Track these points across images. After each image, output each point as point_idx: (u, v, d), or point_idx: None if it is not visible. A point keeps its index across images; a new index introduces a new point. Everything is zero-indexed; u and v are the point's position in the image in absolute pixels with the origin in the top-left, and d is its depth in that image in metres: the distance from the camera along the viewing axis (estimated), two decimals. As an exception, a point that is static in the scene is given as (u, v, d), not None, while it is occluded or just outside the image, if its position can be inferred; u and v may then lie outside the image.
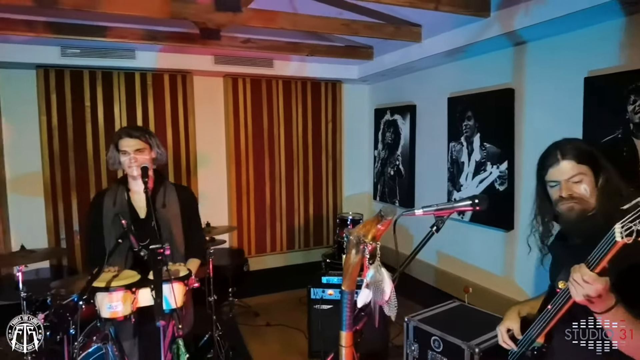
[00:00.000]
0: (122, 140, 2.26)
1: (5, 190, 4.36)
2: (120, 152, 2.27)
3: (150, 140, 2.32)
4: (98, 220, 2.31)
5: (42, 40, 3.77)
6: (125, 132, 2.29)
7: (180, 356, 1.89)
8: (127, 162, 2.25)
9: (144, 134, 2.30)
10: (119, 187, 2.39)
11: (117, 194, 2.35)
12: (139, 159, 2.25)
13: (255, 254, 5.41)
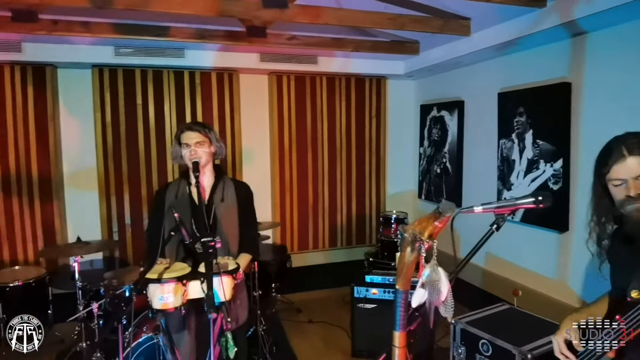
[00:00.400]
0: (184, 133, 2.36)
1: (62, 185, 4.58)
2: (182, 146, 2.36)
3: (210, 135, 2.40)
4: (159, 212, 2.40)
5: (97, 40, 3.93)
6: (187, 126, 2.40)
7: (229, 349, 1.90)
8: (188, 155, 2.33)
9: (203, 128, 2.40)
10: (181, 180, 2.48)
11: (179, 186, 2.44)
12: (198, 152, 2.33)
13: (298, 250, 5.43)
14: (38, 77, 4.35)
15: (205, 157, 2.37)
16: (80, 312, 3.19)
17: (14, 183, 4.37)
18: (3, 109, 4.30)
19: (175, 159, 2.46)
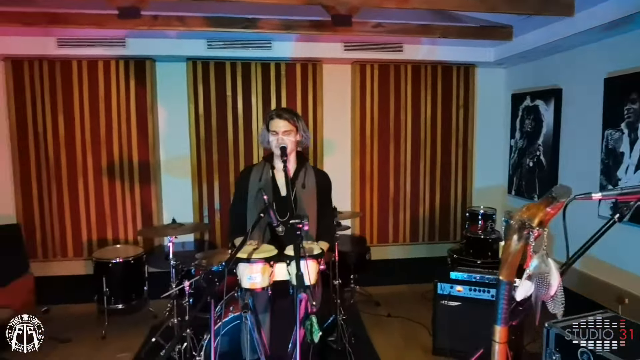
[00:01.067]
0: (273, 121, 2.40)
1: (159, 171, 4.93)
2: (270, 132, 2.40)
3: (298, 123, 2.42)
4: (243, 193, 2.47)
5: (192, 34, 4.15)
6: (276, 113, 2.42)
7: (314, 332, 1.91)
8: (275, 142, 2.38)
9: (292, 116, 2.42)
10: (265, 164, 2.53)
11: (263, 170, 2.49)
12: (285, 140, 2.37)
13: (378, 243, 5.37)
14: (139, 71, 4.71)
15: (291, 145, 2.41)
16: (172, 290, 3.40)
17: (117, 169, 4.78)
18: (109, 100, 4.71)
19: (263, 143, 2.52)
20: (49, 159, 4.69)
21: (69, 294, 4.63)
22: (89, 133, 4.71)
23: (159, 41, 4.38)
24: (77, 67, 4.63)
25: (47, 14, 3.62)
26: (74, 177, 4.74)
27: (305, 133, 2.49)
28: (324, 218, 2.55)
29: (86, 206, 4.78)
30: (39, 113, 4.64)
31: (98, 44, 4.30)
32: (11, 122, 4.62)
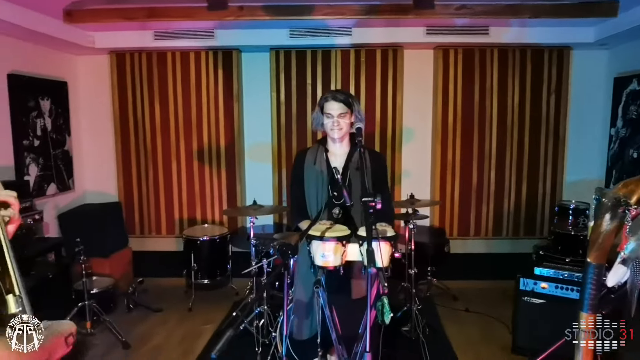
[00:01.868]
0: (328, 103, 2.37)
1: (243, 156, 5.18)
2: (325, 115, 2.39)
3: (353, 105, 2.39)
4: (299, 175, 2.51)
5: (275, 23, 4.27)
6: (332, 95, 2.39)
7: (385, 314, 1.89)
8: (330, 125, 2.38)
9: (347, 98, 2.38)
10: (319, 147, 2.54)
11: (317, 153, 2.50)
12: (341, 123, 2.35)
13: (458, 236, 5.18)
14: (226, 61, 4.95)
15: (346, 127, 2.39)
16: (252, 267, 3.58)
17: (206, 154, 5.09)
18: (199, 89, 5.02)
19: (317, 126, 2.51)
20: (146, 144, 5.12)
21: (161, 268, 5.05)
22: (181, 120, 5.07)
23: (245, 32, 4.57)
24: (171, 58, 4.98)
25: (145, 9, 3.93)
26: (168, 161, 5.13)
27: (359, 114, 2.43)
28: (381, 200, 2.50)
29: (178, 188, 5.16)
30: (138, 101, 5.08)
31: (190, 35, 4.60)
32: (115, 110, 5.11)
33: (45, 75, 4.53)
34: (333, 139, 2.46)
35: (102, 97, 5.13)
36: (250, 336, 3.43)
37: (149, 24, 4.28)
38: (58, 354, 1.08)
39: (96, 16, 3.99)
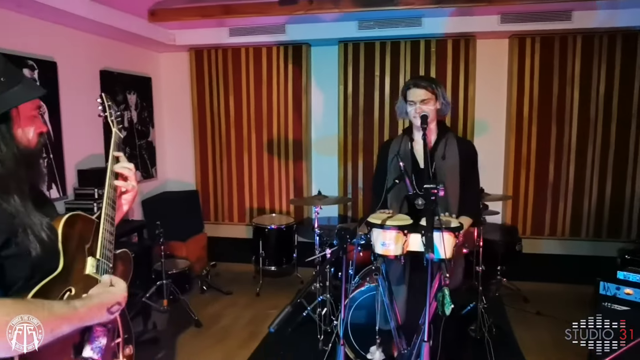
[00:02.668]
0: (410, 90, 2.33)
1: (310, 149, 5.29)
2: (408, 102, 2.35)
3: (437, 91, 2.31)
4: (383, 165, 2.50)
5: (343, 16, 4.31)
6: (414, 82, 2.35)
7: (445, 305, 1.87)
8: (413, 112, 2.32)
9: (430, 84, 2.32)
10: (404, 136, 2.50)
11: (401, 142, 2.47)
12: (424, 109, 2.28)
13: (531, 235, 4.92)
14: (296, 55, 5.08)
15: (431, 114, 2.31)
16: (316, 256, 3.66)
17: (275, 146, 5.27)
18: (270, 84, 5.20)
19: (400, 115, 2.47)
20: (221, 136, 5.40)
21: (233, 253, 5.32)
22: (253, 113, 5.28)
23: (314, 25, 4.65)
24: (244, 53, 5.20)
25: (222, 6, 4.15)
26: (241, 152, 5.37)
27: (445, 100, 2.35)
28: (468, 190, 2.40)
29: (249, 178, 5.39)
30: (214, 96, 5.36)
31: (262, 31, 4.77)
32: (193, 104, 5.44)
33: (132, 71, 4.93)
34: (417, 127, 2.38)
35: (182, 92, 5.48)
36: (313, 323, 3.53)
37: (224, 21, 4.50)
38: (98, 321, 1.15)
39: (177, 15, 4.27)
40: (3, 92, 1.07)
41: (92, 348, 1.14)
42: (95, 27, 4.05)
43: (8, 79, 1.09)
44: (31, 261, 1.06)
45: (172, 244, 4.51)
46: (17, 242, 1.04)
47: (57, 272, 1.09)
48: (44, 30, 3.73)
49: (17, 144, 1.11)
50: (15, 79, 1.11)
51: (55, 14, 3.56)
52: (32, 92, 1.14)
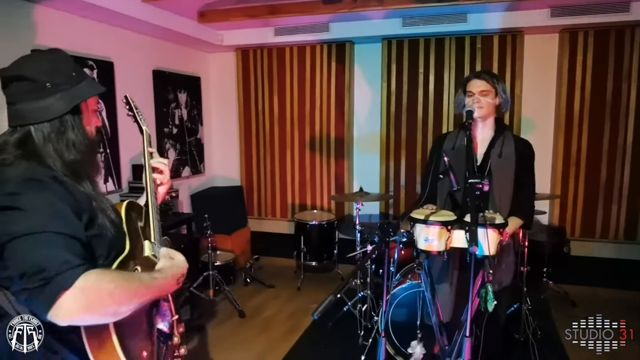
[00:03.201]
0: (471, 81, 2.29)
1: (352, 146, 5.33)
2: (467, 94, 2.30)
3: (497, 85, 2.27)
4: (436, 161, 2.43)
5: (388, 13, 4.32)
6: (475, 73, 2.32)
7: (488, 301, 1.87)
8: (470, 103, 2.26)
9: (491, 77, 2.28)
10: (460, 131, 2.42)
11: (457, 137, 2.40)
12: (482, 101, 2.24)
13: (580, 237, 4.74)
14: (339, 53, 5.13)
15: (488, 108, 2.25)
16: (357, 252, 3.70)
17: (317, 143, 5.34)
18: (313, 82, 5.27)
19: (458, 108, 2.41)
20: (265, 133, 5.54)
21: (275, 248, 5.44)
22: (296, 111, 5.38)
23: (358, 23, 4.68)
24: (289, 52, 5.31)
25: (268, 6, 4.26)
26: (284, 149, 5.48)
27: (505, 96, 2.29)
28: (522, 191, 2.33)
29: (292, 174, 5.50)
30: (259, 94, 5.50)
31: (306, 30, 4.85)
32: (239, 102, 5.60)
33: (182, 71, 5.14)
34: (475, 120, 2.32)
35: (229, 91, 5.66)
36: (353, 319, 3.57)
37: (270, 20, 4.61)
38: (171, 291, 1.27)
39: (225, 15, 4.42)
40: (74, 86, 1.17)
41: (162, 321, 1.24)
42: (150, 29, 4.26)
43: (77, 75, 1.19)
44: (108, 241, 1.17)
45: (217, 237, 4.68)
46: (98, 223, 1.15)
47: (127, 252, 1.19)
48: (103, 33, 3.97)
49: (85, 133, 1.21)
50: (81, 75, 1.21)
51: (114, 17, 3.78)
52: (97, 88, 1.24)
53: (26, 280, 0.94)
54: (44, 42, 3.39)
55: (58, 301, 0.93)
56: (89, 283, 0.96)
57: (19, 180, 1.02)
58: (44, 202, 1.02)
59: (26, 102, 1.12)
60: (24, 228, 0.97)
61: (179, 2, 3.87)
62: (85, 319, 0.99)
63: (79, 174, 1.17)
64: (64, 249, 0.98)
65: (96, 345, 1.05)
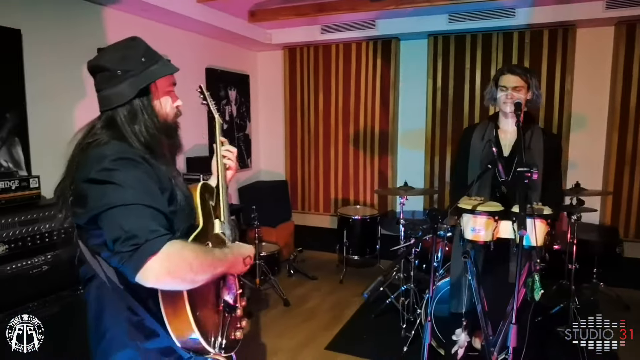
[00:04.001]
0: (504, 75, 2.31)
1: (396, 142, 5.35)
2: (499, 88, 2.34)
3: (530, 80, 2.29)
4: (465, 151, 2.51)
5: (434, 9, 4.32)
6: (508, 68, 2.33)
7: (535, 290, 1.89)
8: (503, 98, 2.31)
9: (525, 72, 2.30)
10: (489, 123, 2.49)
11: (486, 129, 2.46)
12: (514, 96, 2.27)
13: (635, 238, 4.56)
14: (385, 50, 5.16)
15: (520, 101, 2.25)
16: (401, 245, 3.75)
17: (361, 139, 5.40)
18: (359, 78, 5.34)
19: (489, 100, 2.45)
20: (310, 128, 5.66)
21: (318, 242, 5.57)
22: (341, 107, 5.46)
23: (404, 20, 4.71)
24: (335, 50, 5.40)
25: (316, 5, 4.36)
26: (328, 145, 5.58)
27: (537, 91, 2.32)
28: (550, 183, 2.36)
29: (335, 170, 5.59)
30: (305, 91, 5.63)
31: (352, 27, 4.92)
32: (286, 99, 5.75)
33: (232, 69, 5.34)
34: (505, 114, 2.39)
35: (276, 88, 5.82)
36: (396, 312, 3.62)
37: (317, 19, 4.72)
38: (237, 270, 1.38)
39: (274, 14, 4.57)
40: (143, 71, 1.28)
41: (228, 293, 1.36)
42: (203, 28, 4.47)
43: (147, 59, 1.30)
44: (184, 217, 1.30)
45: (263, 229, 4.84)
46: (177, 200, 1.28)
47: (200, 228, 1.32)
48: (161, 32, 4.21)
49: (156, 114, 1.32)
50: (153, 59, 1.32)
51: (171, 17, 4.00)
52: (165, 70, 1.34)
53: (119, 244, 1.07)
54: (108, 41, 3.65)
55: (146, 264, 1.04)
56: (174, 250, 1.08)
57: (114, 158, 1.16)
58: (135, 178, 1.15)
59: (107, 90, 1.27)
60: (119, 200, 1.10)
61: (231, 2, 4.04)
62: (167, 283, 1.10)
63: (157, 153, 1.29)
64: (152, 220, 1.11)
65: (171, 311, 1.17)
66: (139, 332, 1.23)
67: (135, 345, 1.23)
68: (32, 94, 3.07)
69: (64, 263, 2.73)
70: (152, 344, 1.23)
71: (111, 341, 1.24)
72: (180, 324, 1.17)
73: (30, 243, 2.58)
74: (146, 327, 1.22)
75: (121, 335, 1.23)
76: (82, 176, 1.17)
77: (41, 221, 2.64)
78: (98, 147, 1.20)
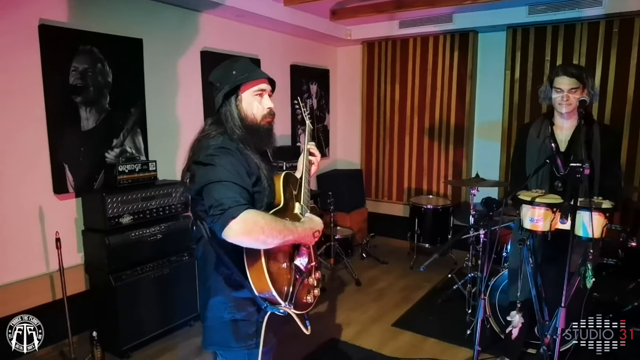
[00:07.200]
0: (559, 77, 2.37)
1: (472, 133, 5.40)
2: (554, 89, 2.41)
3: (586, 81, 2.34)
4: (522, 147, 2.61)
5: (513, 2, 4.32)
6: (563, 69, 2.37)
7: (587, 278, 2.01)
8: (559, 100, 2.39)
9: (581, 73, 2.34)
10: (544, 120, 2.56)
11: (541, 126, 2.55)
12: (570, 98, 2.34)
13: None
14: (462, 43, 5.21)
15: (576, 103, 2.32)
16: (470, 234, 3.87)
17: (436, 130, 5.51)
18: (435, 71, 5.44)
19: (544, 99, 2.51)
20: (386, 120, 5.87)
21: (389, 229, 5.81)
22: (417, 99, 5.60)
23: (482, 13, 4.73)
24: (412, 44, 5.54)
25: (394, 1, 4.55)
26: (402, 136, 5.77)
27: (592, 90, 2.36)
28: (607, 175, 2.40)
29: (409, 160, 5.76)
30: (382, 84, 5.84)
31: (430, 22, 5.03)
32: (363, 92, 6.01)
33: (314, 64, 5.71)
34: (561, 113, 2.46)
35: (354, 82, 6.10)
36: (462, 299, 3.79)
37: (395, 14, 4.90)
38: (306, 241, 1.65)
39: (355, 12, 4.83)
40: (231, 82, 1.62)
41: (299, 260, 1.68)
42: (289, 28, 4.87)
43: (238, 73, 1.64)
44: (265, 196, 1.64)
45: (338, 214, 5.19)
46: (261, 183, 1.62)
47: (281, 205, 1.65)
48: (251, 33, 4.67)
49: (241, 116, 1.64)
50: (244, 72, 1.65)
51: (261, 20, 4.43)
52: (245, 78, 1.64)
53: (212, 209, 1.43)
54: (207, 44, 4.17)
55: (228, 225, 1.38)
56: (249, 216, 1.41)
57: (216, 147, 1.54)
58: (229, 163, 1.51)
59: (215, 98, 1.68)
60: (215, 177, 1.47)
61: (314, 3, 4.37)
62: (244, 241, 1.42)
63: (248, 146, 1.64)
64: (238, 193, 1.45)
65: (251, 263, 1.50)
66: (229, 283, 1.59)
67: (226, 293, 1.60)
68: (149, 92, 3.66)
69: (173, 233, 3.30)
70: (238, 294, 1.59)
71: (210, 288, 1.63)
72: (258, 278, 1.49)
73: (149, 215, 3.18)
74: (234, 279, 1.56)
75: (217, 284, 1.61)
76: (194, 160, 1.56)
77: (157, 198, 3.23)
78: (207, 139, 1.60)
